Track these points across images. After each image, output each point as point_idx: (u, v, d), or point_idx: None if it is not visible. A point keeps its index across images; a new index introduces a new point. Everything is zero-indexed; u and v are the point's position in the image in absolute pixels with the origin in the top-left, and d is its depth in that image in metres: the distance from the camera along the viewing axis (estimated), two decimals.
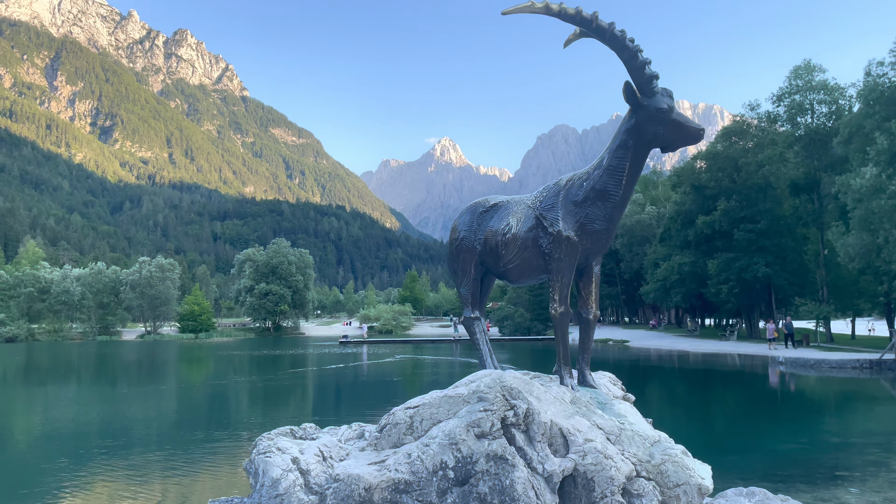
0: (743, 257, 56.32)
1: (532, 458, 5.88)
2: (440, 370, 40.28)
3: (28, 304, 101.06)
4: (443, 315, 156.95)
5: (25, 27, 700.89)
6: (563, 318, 7.57)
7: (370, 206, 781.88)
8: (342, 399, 27.36)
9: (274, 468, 6.00)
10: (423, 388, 30.16)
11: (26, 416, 23.46)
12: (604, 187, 7.27)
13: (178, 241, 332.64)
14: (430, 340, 78.05)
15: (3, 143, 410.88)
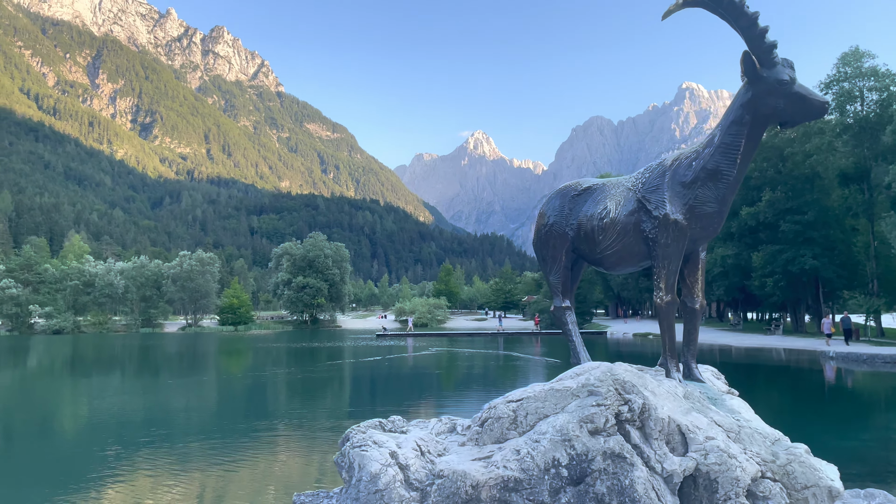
0: (789, 249, 54.70)
1: (649, 457, 5.46)
2: (479, 363, 39.93)
3: (74, 297, 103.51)
4: (477, 308, 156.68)
5: (67, 26, 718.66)
6: (670, 307, 7.08)
7: (404, 199, 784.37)
8: (384, 391, 27.18)
9: (372, 462, 5.68)
10: (463, 381, 29.83)
11: (74, 406, 23.78)
12: (716, 167, 6.74)
13: (216, 235, 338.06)
14: (469, 333, 77.72)
15: (48, 141, 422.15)
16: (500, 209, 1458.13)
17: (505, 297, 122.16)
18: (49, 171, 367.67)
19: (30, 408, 23.59)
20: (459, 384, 29.19)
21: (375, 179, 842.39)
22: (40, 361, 47.50)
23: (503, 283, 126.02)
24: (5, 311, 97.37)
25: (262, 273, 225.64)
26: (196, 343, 69.57)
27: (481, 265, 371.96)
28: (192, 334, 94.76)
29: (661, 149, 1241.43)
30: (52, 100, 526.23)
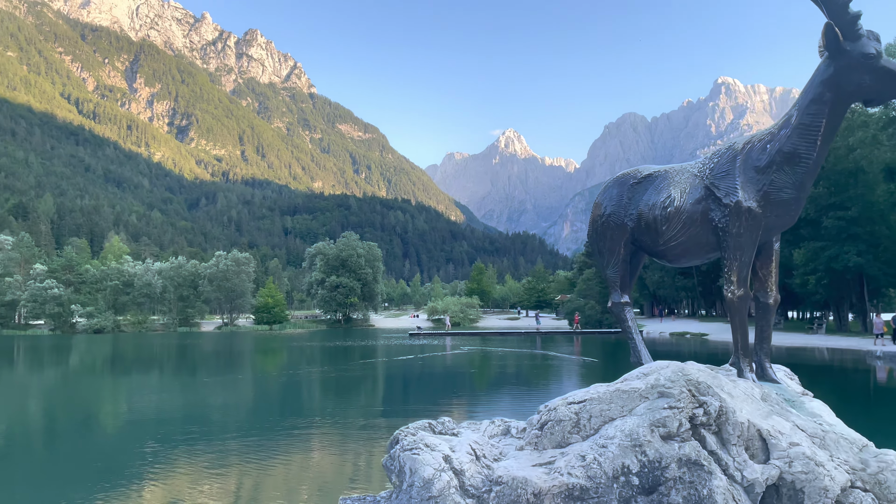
0: (832, 246, 53.03)
1: (728, 465, 5.00)
2: (518, 362, 39.44)
3: (114, 297, 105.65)
4: (510, 307, 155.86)
5: (106, 32, 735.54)
6: (743, 302, 6.56)
7: (435, 199, 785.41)
8: (420, 390, 26.88)
9: (425, 467, 5.31)
10: (503, 381, 29.39)
11: (114, 404, 23.99)
12: (793, 149, 6.22)
13: (251, 235, 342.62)
14: (504, 333, 77.13)
15: (88, 144, 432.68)
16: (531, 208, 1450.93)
17: (538, 296, 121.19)
18: (89, 173, 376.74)
19: (72, 405, 23.86)
20: (498, 384, 28.78)
21: (407, 179, 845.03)
22: (82, 360, 48.37)
23: (536, 281, 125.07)
24: (48, 311, 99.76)
25: (295, 273, 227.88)
26: (232, 342, 70.31)
27: (513, 264, 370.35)
28: (228, 333, 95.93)
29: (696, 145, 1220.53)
30: (92, 104, 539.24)
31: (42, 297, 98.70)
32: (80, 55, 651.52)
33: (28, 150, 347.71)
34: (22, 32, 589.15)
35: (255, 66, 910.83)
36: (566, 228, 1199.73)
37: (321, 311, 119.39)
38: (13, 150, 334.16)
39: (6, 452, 15.50)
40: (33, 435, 18.12)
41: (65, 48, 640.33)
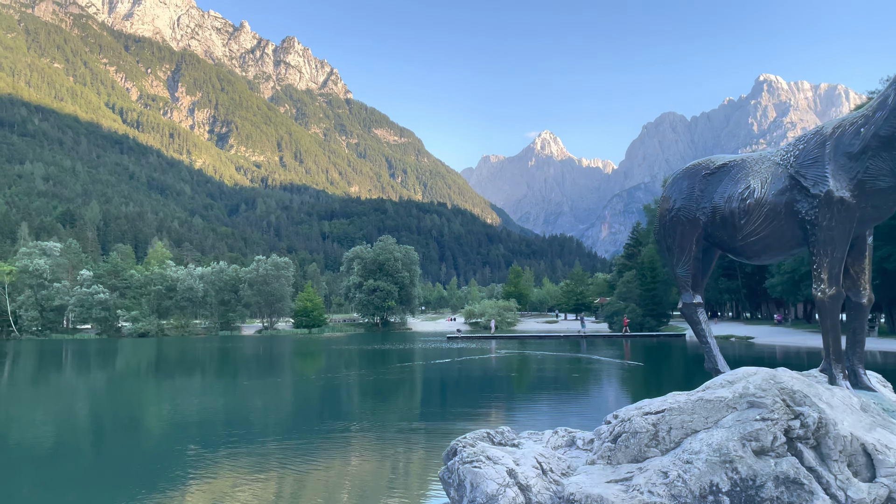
0: (884, 246, 50.94)
1: (829, 483, 4.45)
2: (556, 366, 38.72)
3: (157, 302, 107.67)
4: (547, 311, 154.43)
5: (149, 42, 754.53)
6: (835, 302, 5.93)
7: (471, 202, 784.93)
8: (459, 394, 26.44)
9: (488, 482, 4.87)
10: (542, 385, 28.76)
11: (158, 406, 24.15)
12: (891, 133, 5.63)
13: (289, 240, 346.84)
14: (545, 336, 76.19)
15: (132, 152, 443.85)
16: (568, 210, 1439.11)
17: (577, 299, 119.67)
18: (133, 181, 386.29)
19: (118, 408, 24.09)
20: (542, 388, 28.18)
21: (442, 182, 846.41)
22: (128, 364, 49.19)
23: (574, 284, 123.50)
24: (95, 316, 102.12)
25: (333, 276, 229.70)
26: (272, 345, 70.90)
27: (550, 267, 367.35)
28: (268, 337, 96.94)
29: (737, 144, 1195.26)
30: (136, 113, 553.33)
31: (89, 301, 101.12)
32: (124, 65, 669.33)
33: (75, 159, 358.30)
34: (68, 44, 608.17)
35: (293, 72, 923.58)
36: (604, 230, 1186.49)
37: (359, 315, 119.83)
38: (61, 158, 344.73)
39: (56, 454, 15.61)
40: (81, 437, 18.28)
41: (109, 59, 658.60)
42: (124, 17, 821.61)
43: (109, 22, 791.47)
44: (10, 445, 16.97)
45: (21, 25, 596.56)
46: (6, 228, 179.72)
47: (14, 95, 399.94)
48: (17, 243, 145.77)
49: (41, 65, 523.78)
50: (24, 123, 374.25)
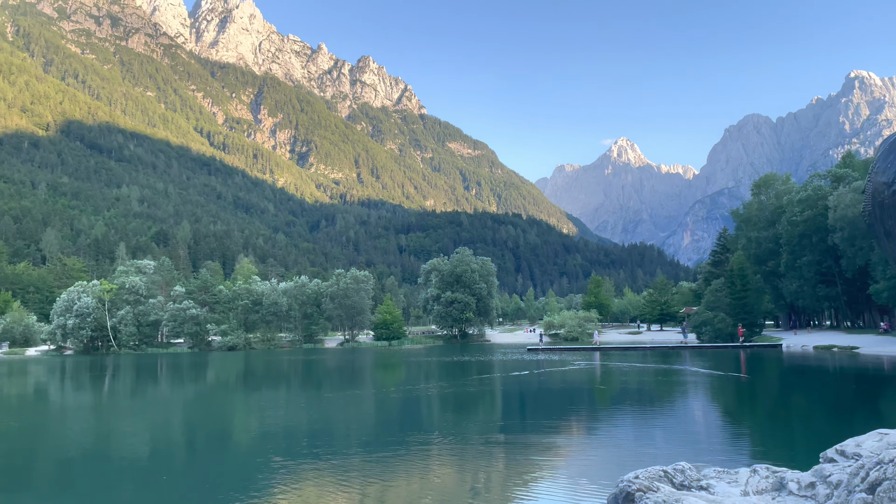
0: None
1: None
2: (636, 378, 37.37)
3: (245, 316, 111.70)
4: (630, 321, 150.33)
5: (233, 68, 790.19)
6: None
7: (546, 212, 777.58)
8: (541, 406, 25.84)
9: None
10: (621, 396, 27.69)
11: (246, 417, 24.77)
12: None
13: (367, 254, 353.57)
14: (638, 347, 74.11)
15: (219, 173, 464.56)
16: (648, 217, 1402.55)
17: (661, 309, 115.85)
18: (221, 201, 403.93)
19: (208, 419, 24.89)
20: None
21: (517, 193, 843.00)
22: (217, 376, 51.01)
23: (658, 294, 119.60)
24: (187, 330, 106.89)
25: (411, 289, 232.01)
26: (354, 358, 72.01)
27: (630, 276, 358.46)
28: (349, 349, 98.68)
29: (828, 145, 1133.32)
30: (222, 136, 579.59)
31: (181, 316, 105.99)
32: (211, 91, 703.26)
33: (167, 182, 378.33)
34: (159, 73, 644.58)
35: (368, 91, 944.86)
36: (686, 238, 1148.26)
37: (437, 327, 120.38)
38: (154, 181, 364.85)
39: (151, 464, 16.20)
40: (175, 447, 18.93)
41: (197, 85, 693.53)
42: (210, 44, 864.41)
43: (196, 50, 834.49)
44: (111, 455, 17.76)
45: (116, 57, 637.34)
46: (106, 248, 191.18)
47: (111, 123, 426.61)
48: (116, 262, 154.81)
49: (135, 93, 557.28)
50: (120, 149, 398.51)
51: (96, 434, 21.75)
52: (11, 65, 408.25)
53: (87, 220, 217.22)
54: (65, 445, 19.69)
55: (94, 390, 40.21)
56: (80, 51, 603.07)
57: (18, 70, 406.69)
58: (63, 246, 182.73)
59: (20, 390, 41.38)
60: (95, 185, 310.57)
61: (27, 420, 25.23)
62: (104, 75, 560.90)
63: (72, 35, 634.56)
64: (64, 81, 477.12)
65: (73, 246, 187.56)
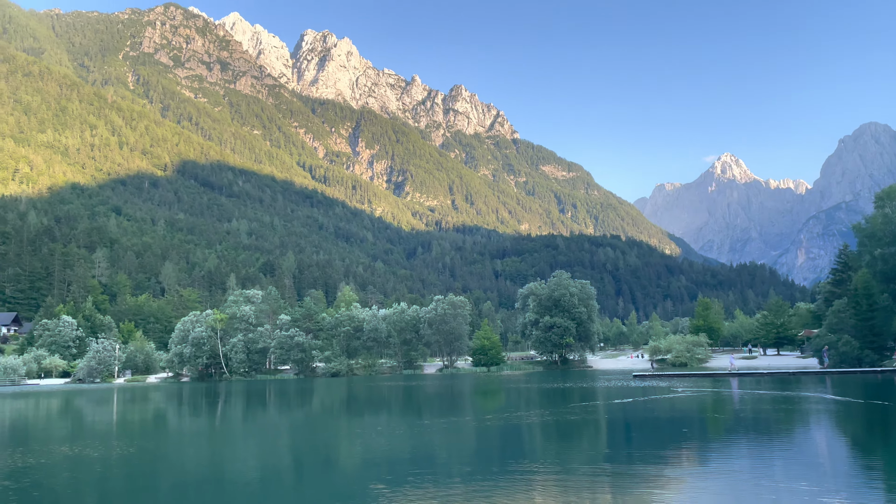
0: None
1: None
2: (752, 407, 34.79)
3: (347, 342, 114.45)
4: (741, 345, 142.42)
5: (332, 104, 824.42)
6: None
7: (646, 233, 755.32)
8: (656, 439, 24.39)
9: None
10: (735, 427, 25.67)
11: (349, 443, 24.89)
12: None
13: (463, 280, 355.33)
14: (775, 373, 69.76)
15: (321, 205, 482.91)
16: (757, 236, 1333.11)
17: (777, 332, 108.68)
18: (322, 231, 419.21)
19: (314, 444, 25.22)
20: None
21: (614, 214, 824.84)
22: (322, 402, 52.11)
23: (773, 316, 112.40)
24: (293, 357, 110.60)
25: (508, 314, 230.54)
26: (454, 384, 71.84)
27: (741, 298, 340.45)
28: (448, 375, 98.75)
29: None
30: (323, 169, 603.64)
31: (288, 344, 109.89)
32: (312, 127, 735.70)
33: (273, 215, 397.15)
34: (265, 113, 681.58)
35: (461, 119, 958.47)
36: (800, 256, 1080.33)
37: (536, 352, 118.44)
38: (261, 215, 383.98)
39: (258, 488, 16.45)
40: (281, 472, 19.23)
41: (299, 122, 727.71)
42: (311, 83, 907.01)
43: (298, 89, 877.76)
44: (224, 479, 18.24)
45: (226, 99, 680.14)
46: (218, 279, 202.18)
47: (222, 162, 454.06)
48: (227, 292, 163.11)
49: (243, 133, 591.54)
50: (230, 186, 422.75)
51: (210, 458, 22.47)
52: (133, 111, 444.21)
53: (201, 253, 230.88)
54: (182, 469, 20.44)
55: (209, 416, 41.96)
56: (194, 95, 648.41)
57: (139, 116, 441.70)
58: (180, 278, 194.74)
59: (142, 416, 43.83)
60: (208, 220, 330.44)
61: (146, 445, 26.46)
62: (215, 117, 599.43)
63: (186, 81, 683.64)
64: (179, 124, 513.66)
65: (188, 278, 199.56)
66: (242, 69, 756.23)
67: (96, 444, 25.47)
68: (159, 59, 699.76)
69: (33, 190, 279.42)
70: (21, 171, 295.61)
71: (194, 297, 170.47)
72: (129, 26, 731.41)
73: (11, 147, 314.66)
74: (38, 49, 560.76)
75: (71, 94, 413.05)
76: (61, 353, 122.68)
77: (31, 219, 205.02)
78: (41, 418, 42.26)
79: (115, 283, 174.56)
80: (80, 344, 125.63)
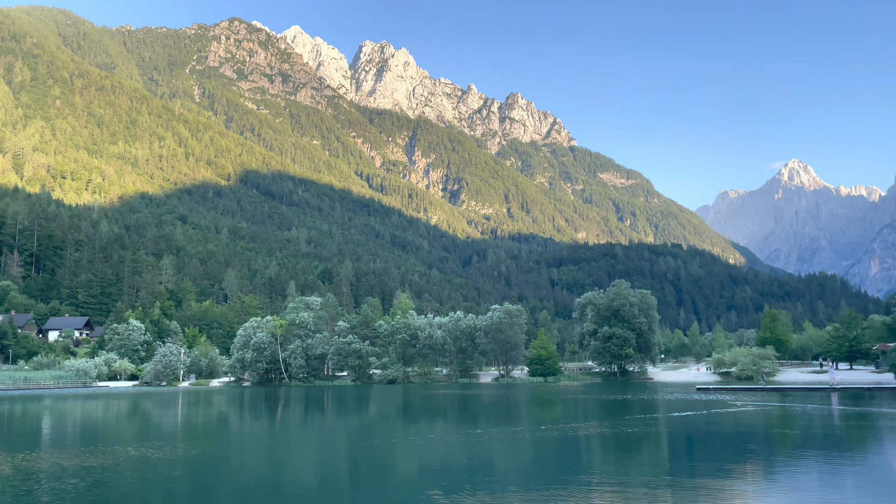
0: None
1: None
2: (820, 423, 33.07)
3: (403, 349, 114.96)
4: (811, 359, 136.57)
5: (389, 114, 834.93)
6: None
7: (709, 241, 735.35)
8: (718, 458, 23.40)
9: None
10: (799, 445, 24.27)
11: (404, 451, 24.79)
12: None
13: (519, 288, 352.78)
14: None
15: (377, 213, 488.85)
16: (827, 245, 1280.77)
17: (849, 346, 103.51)
18: (379, 239, 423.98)
19: (371, 451, 25.23)
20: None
21: (675, 223, 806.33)
22: (379, 409, 52.34)
23: (845, 328, 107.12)
24: (350, 364, 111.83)
25: (564, 324, 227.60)
26: (510, 393, 71.17)
27: (810, 309, 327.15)
28: (504, 385, 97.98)
29: None
30: (379, 178, 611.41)
31: (345, 350, 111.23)
32: (369, 136, 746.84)
33: (331, 223, 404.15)
34: (324, 123, 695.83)
35: (517, 127, 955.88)
36: (874, 266, 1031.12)
37: (594, 363, 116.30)
38: (320, 223, 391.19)
39: (316, 495, 16.50)
40: (339, 478, 19.27)
41: (357, 132, 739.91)
42: (368, 93, 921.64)
43: (356, 99, 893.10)
44: (282, 483, 18.45)
45: (286, 111, 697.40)
46: (278, 286, 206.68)
47: (283, 171, 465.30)
48: (287, 299, 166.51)
49: (303, 143, 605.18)
50: (290, 195, 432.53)
51: (270, 462, 22.74)
52: (199, 123, 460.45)
53: (262, 261, 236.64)
54: (243, 472, 20.75)
55: (269, 420, 42.66)
56: (256, 107, 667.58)
57: (204, 128, 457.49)
58: (242, 285, 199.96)
59: (205, 419, 44.92)
60: (269, 228, 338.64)
61: (209, 447, 26.99)
62: (276, 128, 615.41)
63: (248, 93, 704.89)
64: (242, 135, 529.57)
65: (250, 284, 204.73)
66: (303, 81, 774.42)
67: (162, 446, 26.14)
68: (224, 72, 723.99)
69: (105, 199, 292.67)
70: (94, 182, 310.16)
71: (255, 304, 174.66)
72: (196, 41, 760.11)
73: (85, 158, 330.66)
74: (111, 64, 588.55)
75: (140, 107, 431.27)
76: (130, 357, 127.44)
77: (103, 227, 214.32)
78: (110, 419, 43.81)
79: (180, 290, 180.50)
80: (147, 348, 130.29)
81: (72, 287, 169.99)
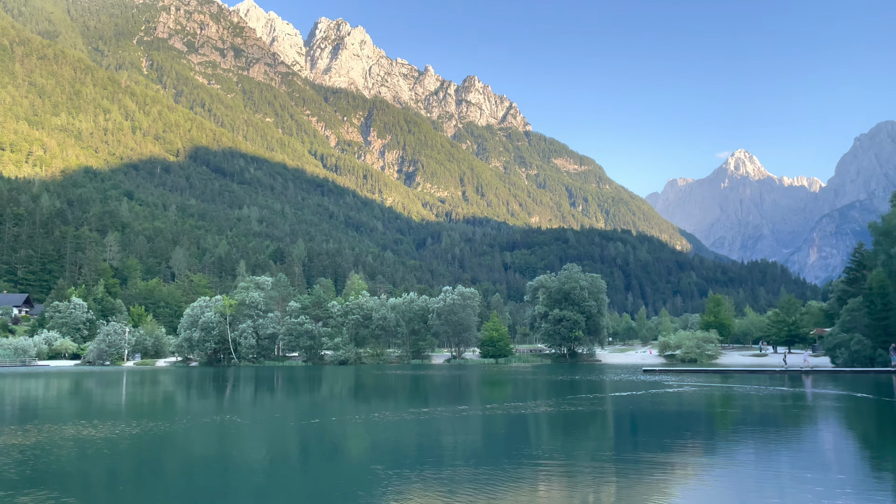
0: None
1: None
2: (755, 403, 34.37)
3: (355, 330, 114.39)
4: (752, 343, 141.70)
5: (345, 93, 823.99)
6: None
7: (657, 228, 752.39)
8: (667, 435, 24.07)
9: None
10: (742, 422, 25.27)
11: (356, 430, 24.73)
12: None
13: (473, 271, 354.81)
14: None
15: (332, 194, 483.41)
16: (769, 233, 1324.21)
17: (788, 330, 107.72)
18: (333, 220, 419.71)
19: (320, 431, 25.04)
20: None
21: (626, 209, 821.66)
22: (331, 389, 52.04)
23: (784, 313, 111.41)
24: (302, 344, 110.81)
25: (517, 307, 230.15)
26: (462, 374, 71.66)
27: (751, 295, 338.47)
28: (456, 366, 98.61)
29: None
30: (334, 158, 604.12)
31: (297, 331, 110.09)
32: (324, 115, 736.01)
33: (284, 202, 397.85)
34: (277, 100, 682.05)
35: (474, 110, 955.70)
36: (812, 255, 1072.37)
37: (545, 345, 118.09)
38: (272, 202, 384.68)
39: (263, 473, 16.26)
40: (287, 456, 19.03)
41: (311, 111, 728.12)
42: (323, 71, 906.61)
43: (311, 77, 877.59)
44: (229, 462, 18.11)
45: (238, 86, 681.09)
46: (228, 266, 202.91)
47: (234, 148, 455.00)
48: (237, 279, 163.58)
49: (255, 120, 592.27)
50: (242, 173, 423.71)
51: (216, 441, 22.35)
52: (146, 96, 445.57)
53: (211, 240, 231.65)
54: (188, 452, 20.34)
55: (217, 400, 41.96)
56: (207, 81, 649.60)
57: (152, 101, 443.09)
58: (190, 263, 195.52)
59: (150, 398, 43.90)
60: (219, 207, 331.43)
61: (154, 427, 26.37)
62: (228, 104, 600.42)
63: (199, 67, 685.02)
64: (192, 110, 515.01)
65: (199, 263, 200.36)
66: (256, 56, 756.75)
67: (104, 425, 25.43)
68: (173, 44, 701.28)
69: (46, 173, 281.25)
70: (35, 154, 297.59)
71: (204, 283, 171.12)
72: (144, 11, 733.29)
73: (26, 130, 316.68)
74: (53, 32, 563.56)
75: (85, 78, 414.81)
76: (72, 336, 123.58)
77: (44, 201, 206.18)
78: (50, 398, 42.41)
79: (126, 267, 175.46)
80: (90, 326, 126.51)
81: (10, 263, 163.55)
